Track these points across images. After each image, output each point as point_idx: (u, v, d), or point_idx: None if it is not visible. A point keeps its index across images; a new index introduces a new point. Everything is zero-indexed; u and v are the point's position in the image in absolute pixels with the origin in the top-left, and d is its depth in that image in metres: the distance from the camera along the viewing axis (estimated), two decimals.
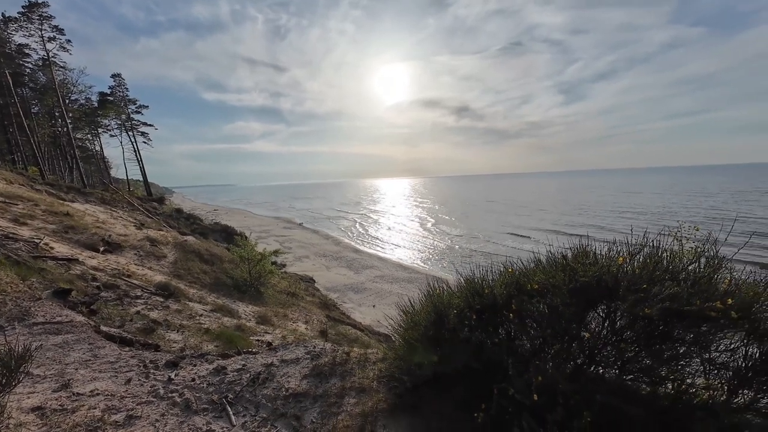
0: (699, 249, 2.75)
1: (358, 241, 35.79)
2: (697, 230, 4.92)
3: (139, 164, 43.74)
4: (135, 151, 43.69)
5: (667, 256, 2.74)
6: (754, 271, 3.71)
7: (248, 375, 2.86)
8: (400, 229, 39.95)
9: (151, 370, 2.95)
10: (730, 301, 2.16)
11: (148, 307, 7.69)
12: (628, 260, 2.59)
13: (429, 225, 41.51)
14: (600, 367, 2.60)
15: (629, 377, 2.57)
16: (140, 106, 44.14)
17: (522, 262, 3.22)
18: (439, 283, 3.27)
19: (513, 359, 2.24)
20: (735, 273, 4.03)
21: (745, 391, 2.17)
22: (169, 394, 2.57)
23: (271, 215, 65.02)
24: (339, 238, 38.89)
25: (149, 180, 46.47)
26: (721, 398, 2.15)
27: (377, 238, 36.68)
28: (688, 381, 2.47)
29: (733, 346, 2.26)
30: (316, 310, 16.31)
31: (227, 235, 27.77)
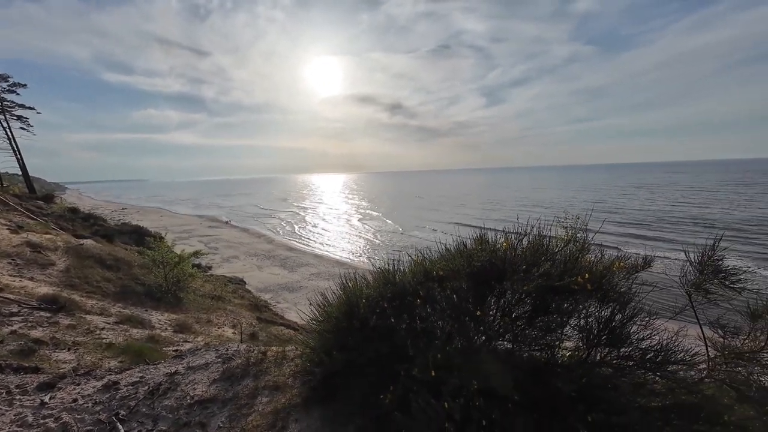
0: (570, 235, 3.26)
1: (292, 239, 34.64)
2: (578, 219, 5.78)
3: (16, 155, 36.21)
4: (9, 138, 36.03)
5: (547, 241, 3.19)
6: (621, 253, 4.48)
7: (146, 387, 2.61)
8: (336, 225, 39.67)
9: (17, 396, 2.51)
10: (587, 275, 2.61)
11: (29, 324, 6.53)
12: (515, 245, 2.96)
13: (364, 220, 41.94)
14: (496, 341, 2.94)
15: (519, 347, 2.96)
16: (14, 84, 36.37)
17: (431, 252, 3.47)
18: (356, 275, 3.35)
19: (414, 341, 2.42)
20: (595, 254, 4.82)
21: (599, 349, 2.66)
22: (41, 420, 2.22)
23: (193, 213, 59.35)
24: (271, 236, 37.18)
25: (32, 174, 38.84)
26: (582, 356, 2.61)
27: (312, 235, 35.90)
28: (565, 344, 2.93)
29: (590, 312, 2.74)
30: (245, 313, 15.43)
31: (139, 236, 24.68)
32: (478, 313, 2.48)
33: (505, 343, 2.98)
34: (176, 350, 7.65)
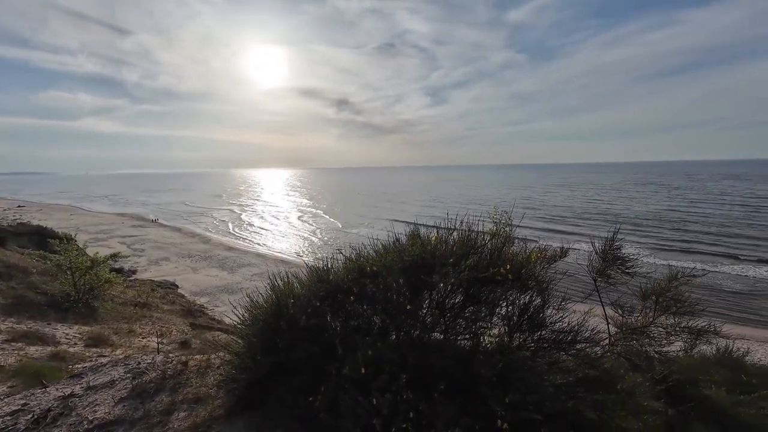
0: (496, 229, 3.48)
1: (231, 238, 32.51)
2: (505, 214, 6.20)
3: None
4: None
5: (474, 236, 3.37)
6: (541, 245, 4.86)
7: (30, 416, 2.22)
8: (278, 223, 38.05)
9: None
10: (508, 266, 2.81)
11: None
12: (445, 239, 3.08)
13: (308, 218, 40.87)
14: (429, 333, 3.03)
15: (450, 337, 3.09)
16: None
17: (367, 248, 3.46)
18: (288, 274, 3.22)
19: (345, 339, 2.38)
20: (519, 246, 5.21)
21: (519, 334, 2.89)
22: None
23: (113, 211, 52.66)
24: (208, 235, 34.52)
25: None
26: (504, 342, 2.81)
27: (253, 234, 34.05)
28: (492, 331, 3.13)
29: (512, 301, 2.96)
30: (176, 320, 14.17)
31: (41, 238, 21.30)
32: (408, 306, 2.53)
33: (438, 334, 3.09)
34: (86, 367, 6.73)
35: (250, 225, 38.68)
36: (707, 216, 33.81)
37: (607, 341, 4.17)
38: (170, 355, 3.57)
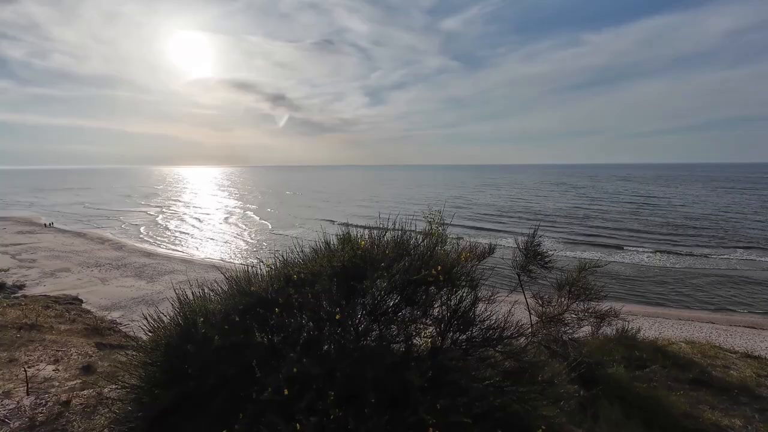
0: (429, 229, 3.51)
1: (151, 243, 28.92)
2: (439, 213, 6.36)
3: None
4: None
5: (408, 237, 3.35)
6: (471, 243, 5.02)
7: None
8: (203, 225, 34.78)
9: None
10: (439, 267, 2.82)
11: None
12: (377, 242, 2.99)
13: (237, 218, 38.06)
14: (363, 340, 2.90)
15: (384, 342, 3.00)
16: None
17: (297, 253, 3.22)
18: (202, 286, 2.84)
19: (265, 358, 2.14)
20: (451, 245, 5.35)
21: (450, 334, 2.92)
22: None
23: None
24: (121, 241, 30.23)
25: None
26: (437, 344, 2.82)
27: (176, 237, 30.73)
28: (426, 332, 3.12)
29: (443, 301, 2.99)
30: (78, 340, 12.10)
31: None
32: (338, 317, 2.37)
33: (371, 342, 2.98)
34: None
35: (168, 229, 34.77)
36: (604, 212, 39.29)
37: (530, 331, 4.49)
38: (47, 394, 2.92)
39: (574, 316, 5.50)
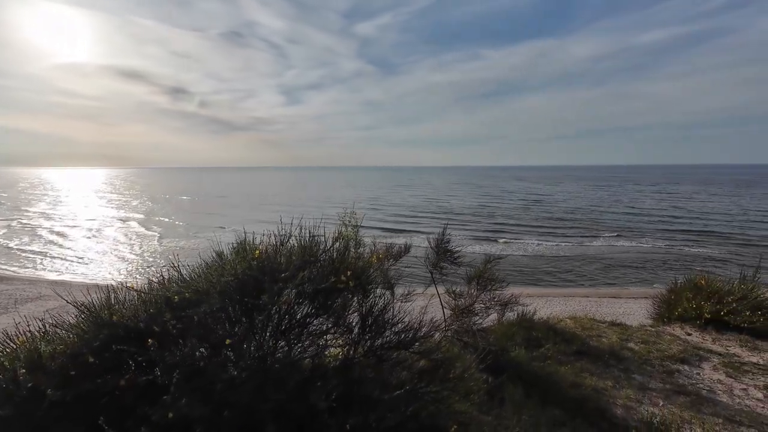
0: (339, 232, 3.31)
1: (6, 264, 22.67)
2: (354, 215, 6.21)
3: None
4: None
5: (315, 242, 3.10)
6: (386, 244, 4.95)
7: None
8: (74, 240, 28.53)
9: None
10: (349, 273, 2.65)
11: None
12: (279, 249, 2.69)
13: (121, 229, 32.20)
14: (268, 361, 2.56)
15: (291, 362, 2.70)
16: None
17: (178, 270, 2.70)
18: (43, 319, 2.17)
19: (126, 407, 1.68)
20: (365, 248, 5.25)
21: (363, 342, 2.78)
22: None
23: None
24: None
25: None
26: (349, 354, 2.65)
27: (47, 255, 24.68)
28: (338, 341, 2.91)
29: (355, 308, 2.84)
30: None
31: None
32: (228, 341, 2.01)
33: (274, 364, 2.66)
34: None
35: (50, 242, 27.82)
36: (504, 209, 44.49)
37: (443, 325, 4.66)
38: None
39: (482, 305, 5.89)
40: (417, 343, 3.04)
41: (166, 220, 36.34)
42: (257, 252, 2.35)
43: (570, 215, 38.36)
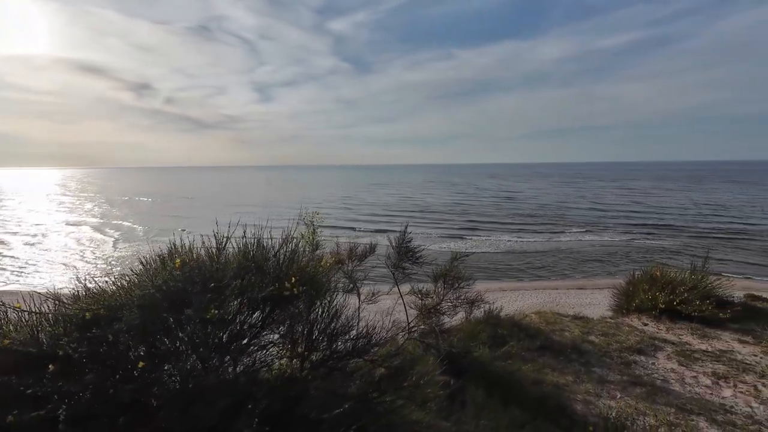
0: (290, 234, 3.09)
1: None
2: (317, 215, 5.97)
3: None
4: None
5: (262, 245, 2.87)
6: (353, 243, 4.75)
7: None
8: (30, 245, 26.17)
9: None
10: (293, 279, 2.45)
11: None
12: (216, 255, 2.45)
13: (71, 235, 29.94)
14: (202, 380, 2.31)
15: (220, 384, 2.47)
16: None
17: (107, 281, 2.40)
18: None
19: None
20: (324, 250, 5.04)
21: (311, 354, 2.59)
22: None
23: None
24: None
25: None
26: (295, 368, 2.46)
27: None
28: (283, 353, 2.70)
29: (303, 317, 2.64)
30: None
31: None
32: (142, 364, 1.76)
33: (202, 384, 2.41)
34: None
35: None
36: (477, 206, 45.39)
37: (407, 327, 4.55)
38: None
39: (449, 304, 5.82)
40: (374, 349, 2.89)
41: (125, 223, 34.16)
42: (179, 261, 2.09)
43: (539, 211, 39.66)
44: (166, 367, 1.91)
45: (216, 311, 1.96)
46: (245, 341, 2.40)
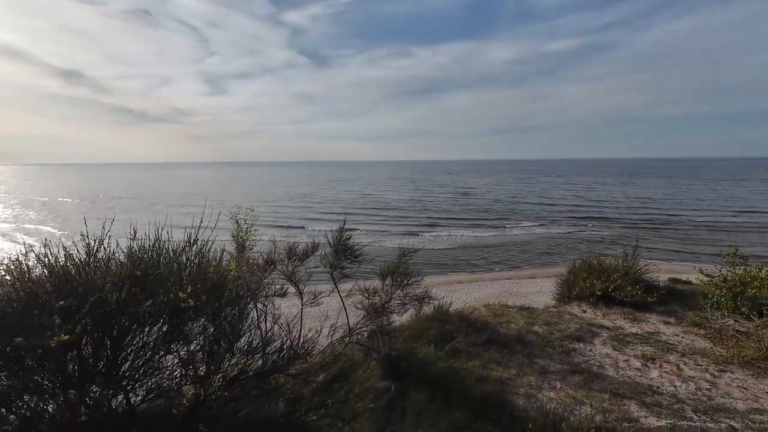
0: (193, 236, 2.66)
1: None
2: (251, 212, 5.48)
3: None
4: None
5: (158, 249, 2.43)
6: (293, 244, 4.33)
7: None
8: None
9: None
10: (189, 288, 2.06)
11: None
12: (87, 262, 1.99)
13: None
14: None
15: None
16: None
17: None
18: None
19: None
20: (266, 250, 4.59)
21: (219, 372, 2.23)
22: None
23: None
24: None
25: None
26: (199, 394, 2.07)
27: None
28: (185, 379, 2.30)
29: (207, 333, 2.26)
30: None
31: None
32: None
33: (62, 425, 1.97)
34: None
35: None
36: (435, 202, 46.32)
37: (347, 331, 4.27)
38: None
39: (398, 302, 5.63)
40: (299, 362, 2.58)
41: (44, 228, 30.29)
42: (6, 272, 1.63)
43: (494, 206, 41.36)
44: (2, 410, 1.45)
45: (67, 335, 1.53)
46: (137, 364, 1.98)
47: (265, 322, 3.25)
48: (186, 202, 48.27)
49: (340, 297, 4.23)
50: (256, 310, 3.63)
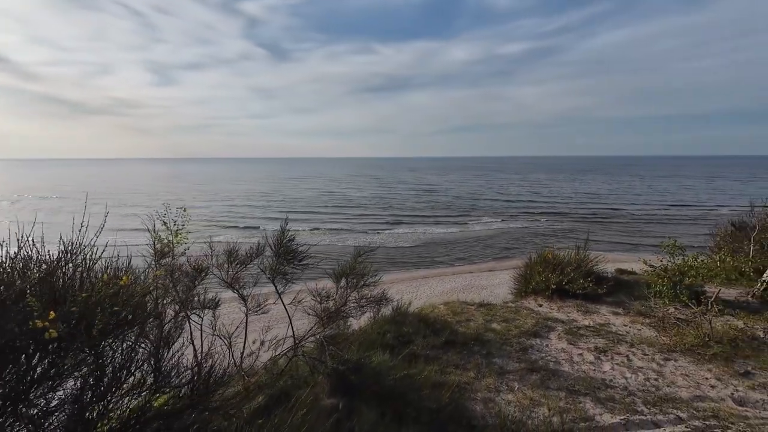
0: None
1: None
2: (185, 210, 4.87)
3: None
4: None
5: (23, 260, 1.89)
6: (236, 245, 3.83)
7: None
8: None
9: None
10: (52, 314, 1.57)
11: None
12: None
13: None
14: None
15: None
16: None
17: None
18: None
19: None
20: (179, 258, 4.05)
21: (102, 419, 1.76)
22: None
23: None
24: None
25: None
26: None
27: None
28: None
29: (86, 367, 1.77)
30: None
31: None
32: None
33: None
34: None
35: None
36: (399, 199, 46.48)
37: (293, 343, 3.86)
38: None
39: (354, 305, 5.28)
40: (219, 391, 2.15)
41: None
42: None
43: (455, 202, 42.26)
44: None
45: None
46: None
47: (201, 338, 2.82)
48: (129, 201, 44.23)
49: (284, 306, 3.80)
50: (189, 323, 3.13)
